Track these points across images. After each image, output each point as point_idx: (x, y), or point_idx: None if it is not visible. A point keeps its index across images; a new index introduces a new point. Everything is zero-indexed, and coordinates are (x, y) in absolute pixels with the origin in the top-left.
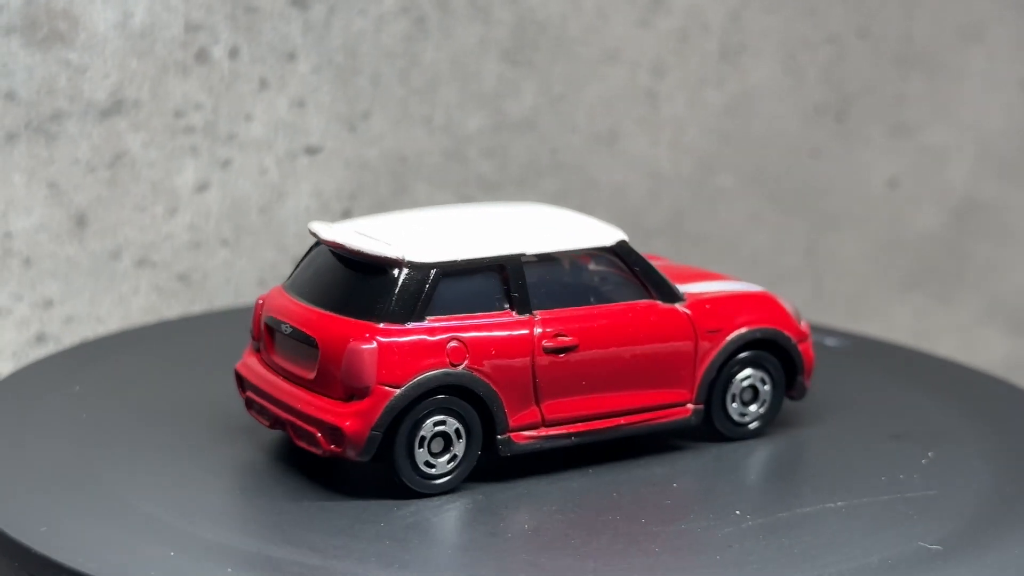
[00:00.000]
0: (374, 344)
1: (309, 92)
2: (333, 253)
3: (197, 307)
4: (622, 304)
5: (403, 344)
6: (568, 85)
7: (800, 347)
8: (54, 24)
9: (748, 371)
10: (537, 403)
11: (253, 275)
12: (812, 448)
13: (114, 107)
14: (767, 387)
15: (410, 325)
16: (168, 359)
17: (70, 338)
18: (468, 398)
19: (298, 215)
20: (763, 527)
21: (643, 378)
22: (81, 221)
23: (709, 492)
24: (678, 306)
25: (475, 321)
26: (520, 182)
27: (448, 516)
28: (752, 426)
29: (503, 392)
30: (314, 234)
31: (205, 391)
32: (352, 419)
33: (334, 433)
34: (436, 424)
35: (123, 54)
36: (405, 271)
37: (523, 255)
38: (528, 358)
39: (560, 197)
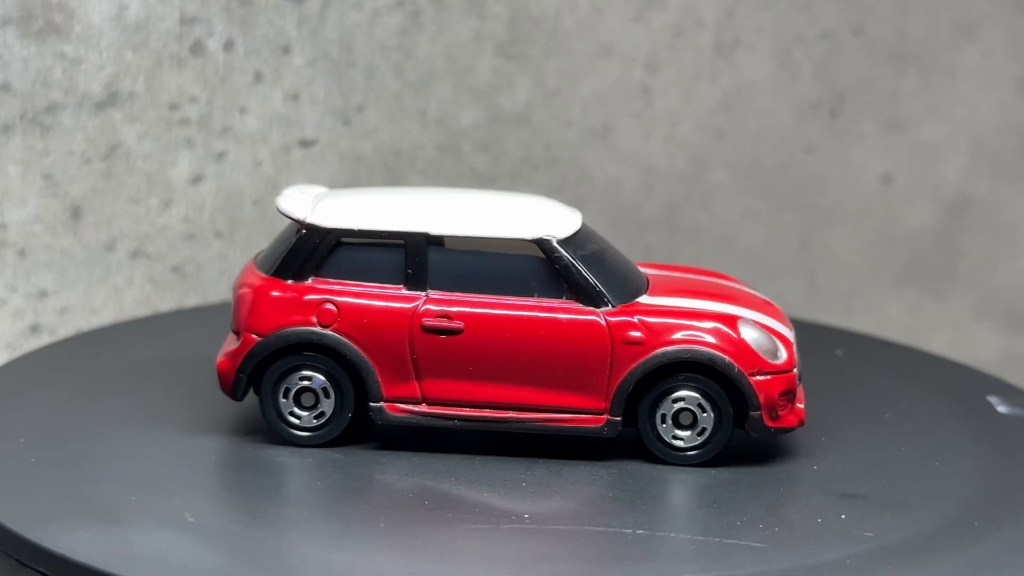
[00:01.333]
0: (248, 292)
1: (304, 85)
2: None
3: (191, 299)
4: (532, 300)
5: (274, 297)
6: (562, 79)
7: (754, 379)
8: (50, 16)
9: (685, 393)
10: (417, 379)
11: None
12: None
13: (109, 99)
14: (707, 415)
15: (291, 282)
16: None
17: (64, 329)
18: (338, 360)
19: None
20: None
21: (544, 377)
22: (76, 213)
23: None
24: (601, 311)
25: (357, 288)
26: (514, 176)
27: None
28: (689, 453)
29: (376, 361)
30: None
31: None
32: (224, 359)
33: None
34: (303, 379)
35: (118, 46)
36: (303, 232)
37: (427, 234)
38: (405, 333)
39: (554, 191)
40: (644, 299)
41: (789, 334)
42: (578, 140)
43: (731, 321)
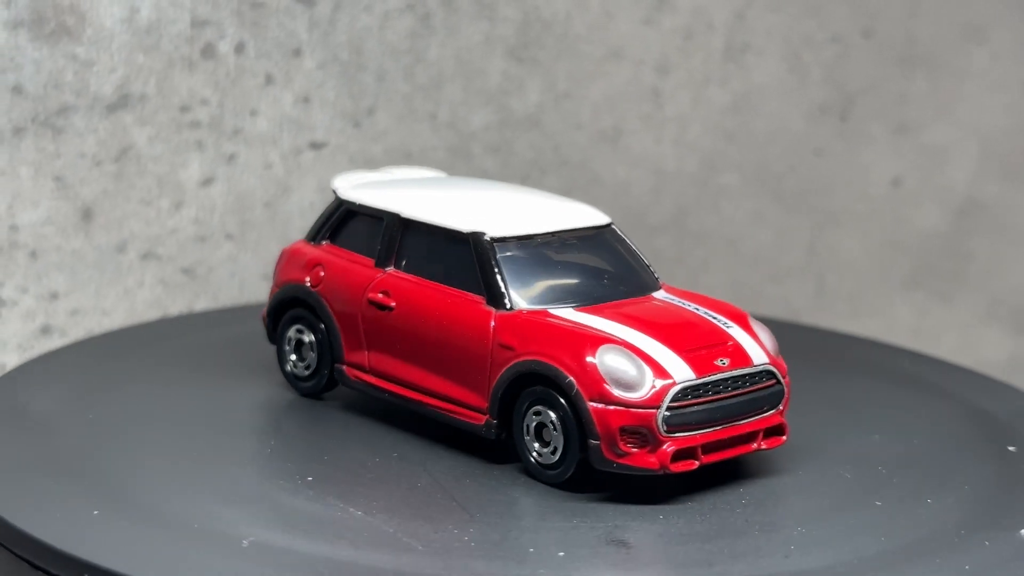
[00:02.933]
0: (283, 250)
1: (314, 88)
2: None
3: (202, 300)
4: (452, 290)
5: (290, 256)
6: (573, 82)
7: (593, 405)
8: (61, 19)
9: (541, 408)
10: (367, 349)
11: (257, 269)
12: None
13: (120, 101)
14: (556, 433)
15: (311, 244)
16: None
17: (75, 330)
18: (319, 319)
19: (303, 210)
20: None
21: (446, 367)
22: (87, 214)
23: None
24: (495, 312)
25: (343, 257)
26: (524, 178)
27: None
28: (547, 471)
29: (341, 325)
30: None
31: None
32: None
33: None
34: (298, 332)
35: (130, 49)
36: (332, 202)
37: (399, 215)
38: (358, 304)
39: (563, 194)
40: (548, 308)
41: (705, 379)
42: (588, 143)
43: (596, 343)
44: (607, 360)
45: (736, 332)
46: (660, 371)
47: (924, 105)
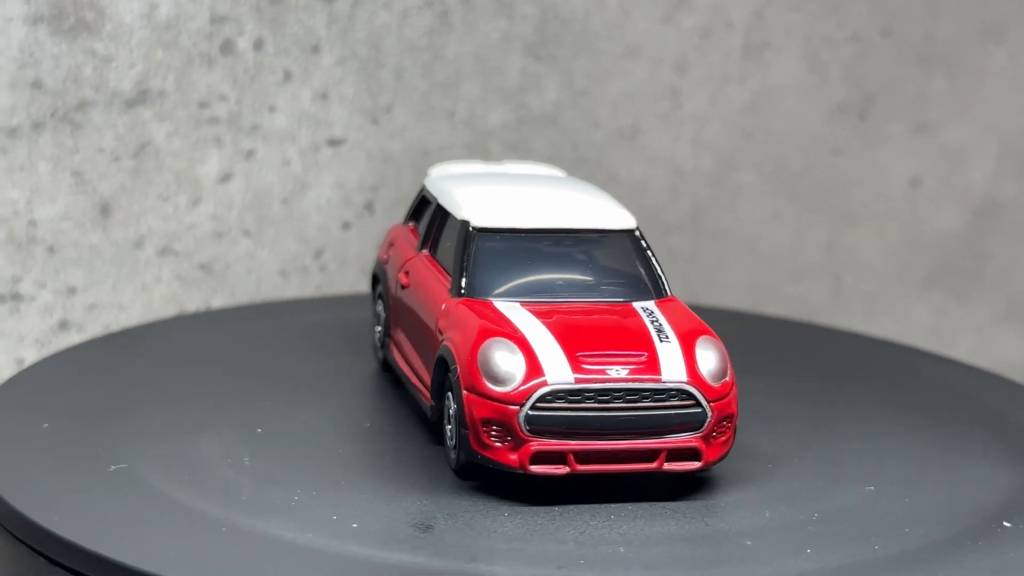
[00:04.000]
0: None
1: (333, 84)
2: None
3: (219, 296)
4: (444, 275)
5: (387, 233)
6: (590, 80)
7: (466, 394)
8: (81, 14)
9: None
10: (395, 327)
11: (275, 265)
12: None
13: (139, 97)
14: (452, 418)
15: (402, 225)
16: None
17: (93, 326)
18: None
19: (320, 206)
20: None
21: (418, 349)
22: (105, 210)
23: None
24: (449, 297)
25: (407, 239)
26: None
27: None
28: (451, 458)
29: (390, 303)
30: None
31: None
32: None
33: None
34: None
35: (149, 45)
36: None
37: (438, 201)
38: (394, 283)
39: None
40: (494, 300)
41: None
42: (605, 141)
43: (486, 335)
44: (485, 352)
45: (666, 348)
46: (536, 371)
47: (943, 105)
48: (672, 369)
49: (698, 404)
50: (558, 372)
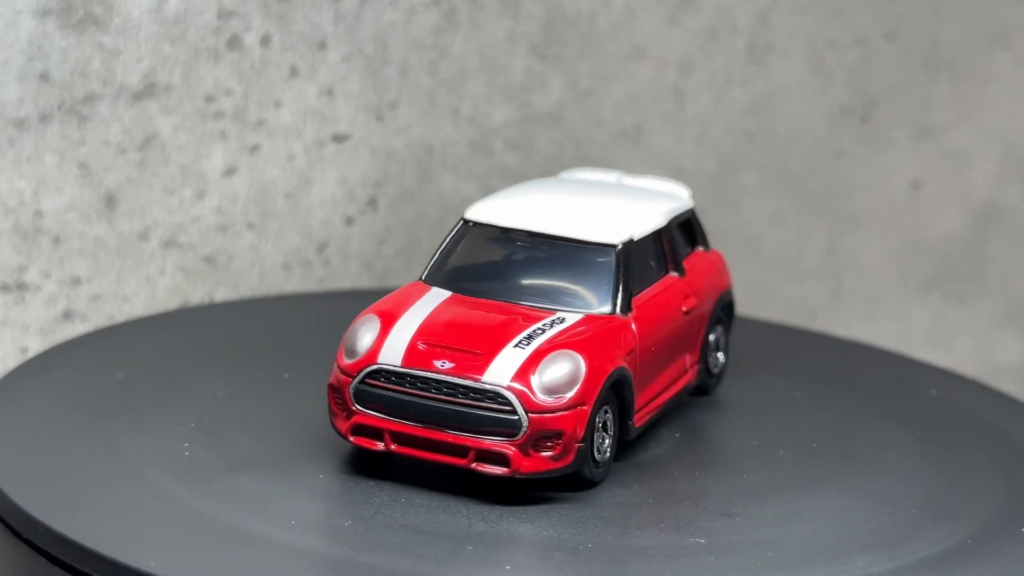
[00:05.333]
0: None
1: (338, 81)
2: None
3: (222, 289)
4: None
5: None
6: (595, 80)
7: (333, 364)
8: (89, 8)
9: None
10: None
11: (278, 259)
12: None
13: (146, 91)
14: None
15: None
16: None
17: (97, 316)
18: None
19: (324, 201)
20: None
21: None
22: (111, 202)
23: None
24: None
25: None
26: (545, 175)
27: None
28: None
29: None
30: None
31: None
32: None
33: None
34: None
35: (156, 39)
36: None
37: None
38: None
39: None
40: (435, 286)
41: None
42: (609, 141)
43: (367, 312)
44: (352, 327)
45: (512, 353)
46: (376, 350)
47: (946, 109)
48: (498, 373)
49: (514, 411)
50: (392, 354)
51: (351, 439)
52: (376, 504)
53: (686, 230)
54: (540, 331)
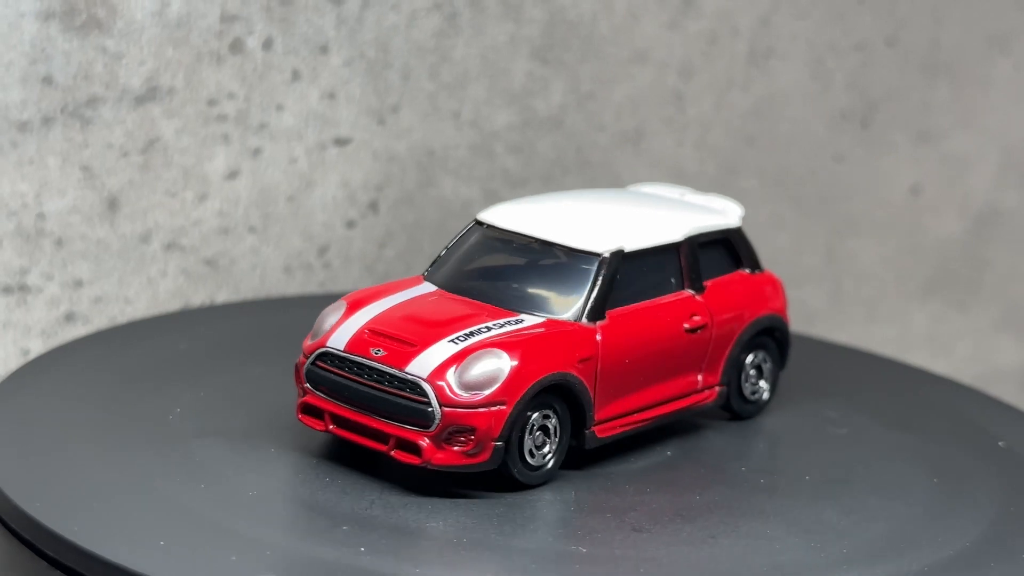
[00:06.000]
0: None
1: (340, 84)
2: None
3: (223, 291)
4: None
5: None
6: (596, 84)
7: (300, 358)
8: (92, 11)
9: None
10: None
11: (279, 261)
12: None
13: (149, 94)
14: None
15: None
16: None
17: (99, 318)
18: None
19: (325, 204)
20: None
21: None
22: (113, 204)
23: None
24: None
25: None
26: (546, 178)
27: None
28: None
29: None
30: None
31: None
32: None
33: None
34: None
35: (159, 42)
36: None
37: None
38: None
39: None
40: (429, 281)
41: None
42: (610, 144)
43: (344, 299)
44: (322, 312)
45: (443, 347)
46: (331, 334)
47: (946, 114)
48: (422, 365)
49: (429, 403)
50: (340, 339)
51: (299, 417)
52: (304, 480)
53: (726, 250)
54: (486, 330)
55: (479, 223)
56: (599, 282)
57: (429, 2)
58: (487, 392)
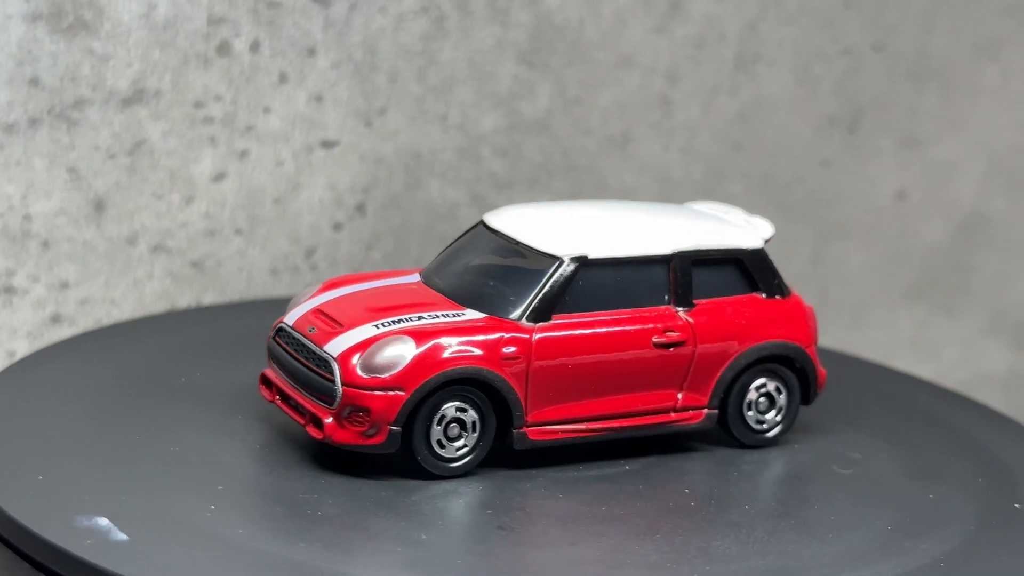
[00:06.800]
0: None
1: (327, 87)
2: None
3: (209, 294)
4: None
5: None
6: (583, 88)
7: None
8: (80, 13)
9: None
10: None
11: (266, 264)
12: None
13: (135, 96)
14: None
15: None
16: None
17: (84, 320)
18: None
19: (312, 207)
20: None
21: None
22: (99, 206)
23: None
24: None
25: None
26: (532, 182)
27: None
28: None
29: None
30: None
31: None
32: None
33: None
34: None
35: (146, 44)
36: None
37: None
38: None
39: (570, 199)
40: (418, 274)
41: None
42: (597, 148)
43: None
44: (297, 304)
45: (364, 330)
46: (291, 310)
47: (933, 120)
48: (338, 344)
49: (334, 381)
50: (292, 316)
51: (259, 389)
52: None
53: (739, 271)
54: (416, 319)
55: (481, 223)
56: (548, 284)
57: (416, 5)
58: (385, 375)
